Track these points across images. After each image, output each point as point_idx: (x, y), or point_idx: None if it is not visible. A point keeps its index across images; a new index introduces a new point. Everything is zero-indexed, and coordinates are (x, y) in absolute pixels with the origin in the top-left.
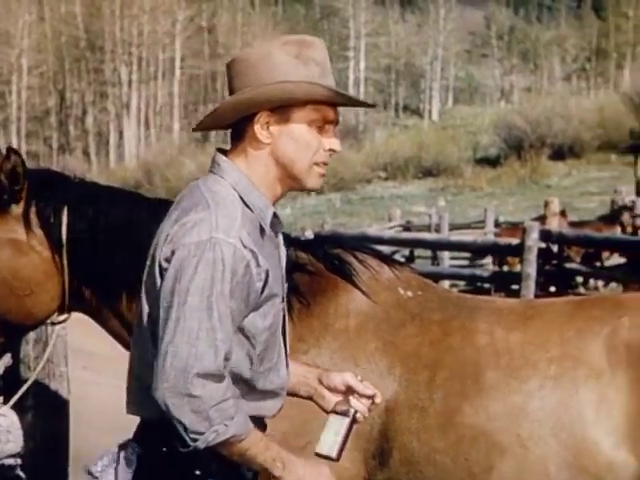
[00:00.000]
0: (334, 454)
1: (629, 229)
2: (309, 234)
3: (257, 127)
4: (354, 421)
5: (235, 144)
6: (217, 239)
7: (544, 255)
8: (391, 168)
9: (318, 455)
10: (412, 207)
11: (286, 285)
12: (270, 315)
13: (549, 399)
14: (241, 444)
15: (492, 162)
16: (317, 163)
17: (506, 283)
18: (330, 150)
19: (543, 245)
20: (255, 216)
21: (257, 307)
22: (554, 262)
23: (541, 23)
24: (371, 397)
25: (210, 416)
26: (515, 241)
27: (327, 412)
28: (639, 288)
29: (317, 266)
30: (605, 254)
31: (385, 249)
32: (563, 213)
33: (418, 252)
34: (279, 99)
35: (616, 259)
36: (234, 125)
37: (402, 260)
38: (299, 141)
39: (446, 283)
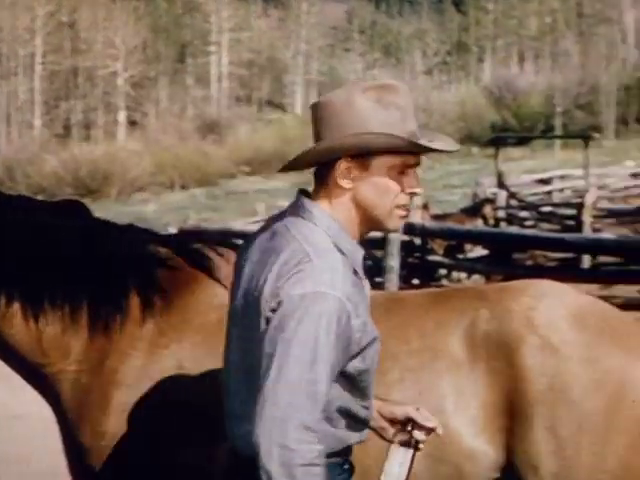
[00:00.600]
0: None
1: (491, 221)
2: (172, 230)
3: (338, 173)
4: (415, 451)
5: (318, 188)
6: (322, 292)
7: (407, 248)
8: (255, 163)
9: None
10: (277, 201)
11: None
12: (369, 357)
13: (409, 391)
14: None
15: None
16: (398, 206)
17: (369, 276)
18: (411, 193)
19: (406, 238)
20: (348, 260)
21: (357, 353)
22: (417, 255)
23: (402, 17)
24: (432, 429)
25: (295, 474)
26: (378, 234)
27: (388, 442)
28: (501, 280)
29: (178, 261)
30: (468, 246)
31: None
32: (426, 206)
33: None
34: (357, 149)
35: (479, 251)
36: (316, 169)
37: None
38: (379, 187)
39: None
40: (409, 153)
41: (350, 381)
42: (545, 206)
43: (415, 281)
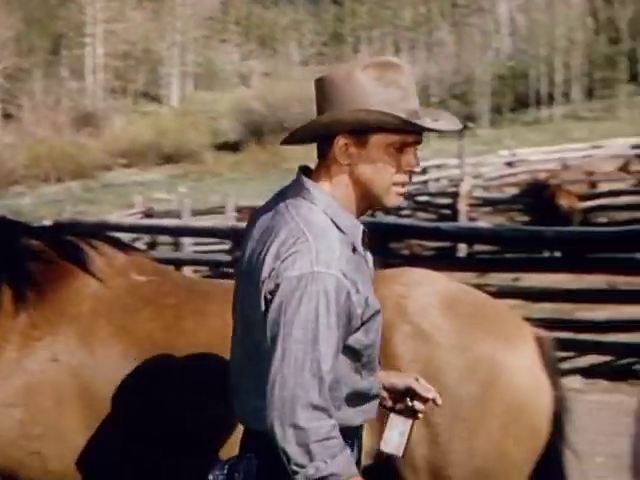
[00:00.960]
0: (401, 453)
1: (368, 211)
2: (47, 223)
3: (336, 149)
4: (414, 420)
5: (319, 163)
6: (319, 272)
7: None
8: (131, 155)
9: (383, 452)
10: (153, 194)
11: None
12: (372, 330)
13: None
14: None
15: (232, 147)
16: (396, 183)
17: None
18: (409, 171)
19: None
20: (347, 237)
21: (361, 325)
22: None
23: (278, 8)
24: (431, 399)
25: (312, 450)
26: None
27: (388, 410)
28: (378, 269)
29: (51, 253)
30: None
31: (126, 236)
32: None
33: (161, 239)
34: (350, 126)
35: None
36: (318, 144)
37: (144, 247)
38: (376, 163)
39: (188, 269)
40: (407, 132)
41: (356, 356)
42: (421, 195)
43: None
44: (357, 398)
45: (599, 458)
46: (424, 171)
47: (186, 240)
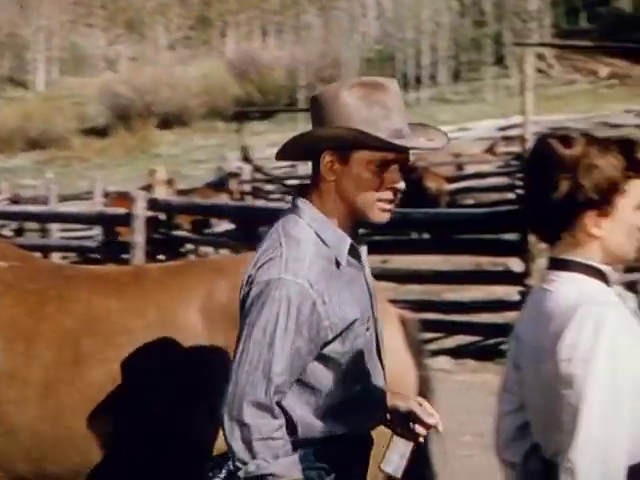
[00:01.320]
0: (399, 475)
1: (237, 195)
2: None
3: (322, 166)
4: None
5: (311, 179)
6: (285, 279)
7: (152, 224)
8: None
9: (382, 471)
10: (20, 180)
11: (374, 303)
12: (348, 340)
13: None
14: None
15: (100, 132)
16: (380, 200)
17: (116, 253)
18: (392, 188)
19: (150, 214)
20: (330, 250)
21: (335, 337)
22: (162, 230)
23: None
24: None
25: (255, 448)
26: (123, 211)
27: (392, 431)
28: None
29: None
30: (215, 221)
31: None
32: (170, 181)
33: (28, 225)
34: (330, 143)
35: (226, 225)
36: (312, 162)
37: (10, 234)
38: (358, 180)
39: (56, 255)
40: (388, 149)
41: (335, 365)
42: (290, 179)
43: (161, 257)
44: (349, 407)
45: (466, 437)
46: None
47: (53, 226)
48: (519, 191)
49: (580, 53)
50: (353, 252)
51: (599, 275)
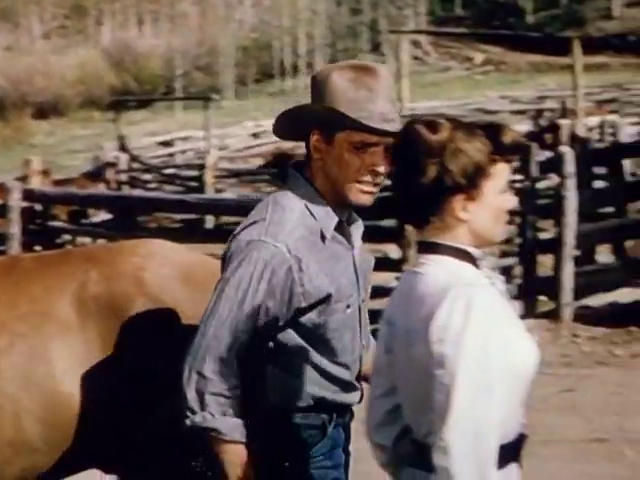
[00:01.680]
0: None
1: (114, 185)
2: None
3: (310, 145)
4: None
5: (305, 157)
6: (264, 241)
7: (28, 214)
8: None
9: None
10: None
11: (361, 284)
12: (324, 313)
13: (19, 356)
14: (220, 444)
15: None
16: (360, 181)
17: None
18: (372, 170)
19: (26, 204)
20: (317, 223)
21: (311, 306)
22: (38, 221)
23: None
24: None
25: (206, 400)
26: None
27: None
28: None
29: None
30: (92, 211)
31: None
32: (46, 172)
33: None
34: (316, 122)
35: (103, 215)
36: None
37: None
38: (339, 161)
39: None
40: (369, 132)
41: (309, 333)
42: (168, 168)
43: (37, 248)
44: (320, 376)
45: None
46: (170, 144)
47: None
48: None
49: (455, 40)
50: (342, 230)
51: (468, 257)
